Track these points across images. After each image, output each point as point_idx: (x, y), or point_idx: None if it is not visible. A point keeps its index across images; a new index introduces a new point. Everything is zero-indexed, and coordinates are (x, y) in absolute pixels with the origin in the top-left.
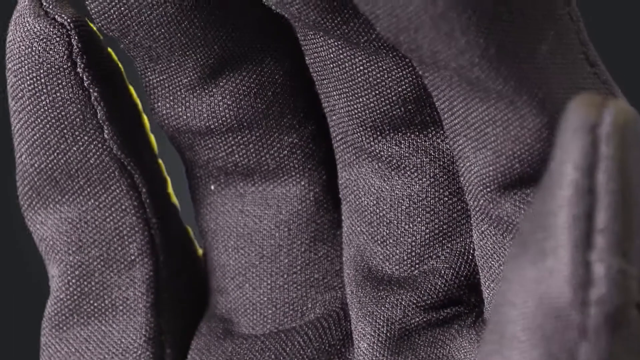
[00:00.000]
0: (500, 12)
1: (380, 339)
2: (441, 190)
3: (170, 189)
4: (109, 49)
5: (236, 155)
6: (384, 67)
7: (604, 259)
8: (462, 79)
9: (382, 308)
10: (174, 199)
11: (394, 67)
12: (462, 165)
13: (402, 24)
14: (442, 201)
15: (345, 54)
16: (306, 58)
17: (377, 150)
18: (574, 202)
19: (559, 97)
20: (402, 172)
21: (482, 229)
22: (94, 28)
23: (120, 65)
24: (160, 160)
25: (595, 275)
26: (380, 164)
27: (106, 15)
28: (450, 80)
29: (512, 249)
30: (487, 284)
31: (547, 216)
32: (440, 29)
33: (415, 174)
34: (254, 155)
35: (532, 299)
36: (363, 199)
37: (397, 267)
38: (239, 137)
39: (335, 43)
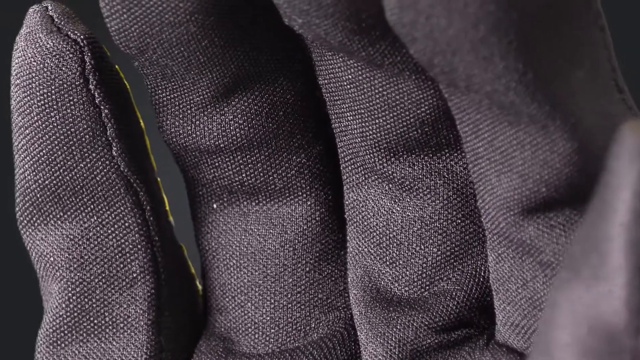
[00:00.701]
0: (540, 37)
1: None
2: (454, 213)
3: (167, 207)
4: (117, 67)
5: (243, 174)
6: (404, 89)
7: None
8: (493, 102)
9: (394, 329)
10: (170, 217)
11: (415, 89)
12: (482, 188)
13: (439, 47)
14: (454, 223)
15: (364, 75)
16: (319, 78)
17: (390, 172)
18: (632, 227)
19: (590, 123)
20: (415, 193)
21: (499, 251)
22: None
23: (127, 83)
24: (158, 179)
25: None
26: (391, 186)
27: (127, 32)
28: (479, 103)
29: (561, 273)
30: (502, 306)
31: (602, 241)
32: (479, 53)
33: (428, 195)
34: (261, 174)
35: (585, 323)
36: (372, 219)
37: (406, 288)
38: (247, 156)
39: (355, 64)
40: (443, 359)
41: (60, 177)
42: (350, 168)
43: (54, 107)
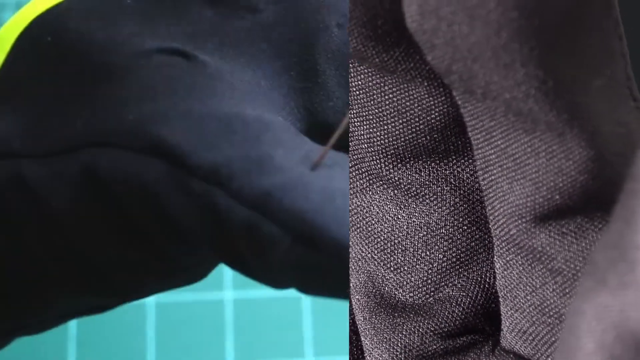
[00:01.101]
0: (561, 45)
1: None
2: (460, 219)
3: None
4: None
5: None
6: (415, 96)
7: None
8: (509, 110)
9: (399, 335)
10: None
11: (426, 95)
12: (492, 195)
13: (459, 54)
14: (460, 230)
15: (374, 82)
16: None
17: (396, 178)
18: None
19: (605, 131)
20: (421, 200)
21: (508, 258)
22: None
23: None
24: None
25: None
26: (397, 192)
27: None
28: (494, 111)
29: (585, 282)
30: (509, 313)
31: (630, 249)
32: (501, 60)
33: (435, 202)
34: None
35: (612, 330)
36: (376, 225)
37: (411, 294)
38: None
39: (365, 70)
40: None
41: None
42: (354, 174)
43: None
